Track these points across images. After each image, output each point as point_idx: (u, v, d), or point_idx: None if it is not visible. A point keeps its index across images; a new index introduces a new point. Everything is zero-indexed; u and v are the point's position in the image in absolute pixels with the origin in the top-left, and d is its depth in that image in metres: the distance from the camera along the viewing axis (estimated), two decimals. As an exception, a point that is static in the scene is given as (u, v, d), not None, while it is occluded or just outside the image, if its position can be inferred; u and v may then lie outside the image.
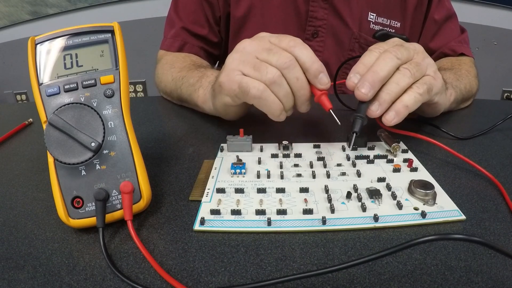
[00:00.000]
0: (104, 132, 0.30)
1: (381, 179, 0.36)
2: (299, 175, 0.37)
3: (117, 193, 0.30)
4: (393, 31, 0.68)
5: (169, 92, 0.62)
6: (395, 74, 0.38)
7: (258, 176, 0.37)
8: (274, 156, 0.41)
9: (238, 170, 0.37)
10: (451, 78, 0.56)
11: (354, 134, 0.40)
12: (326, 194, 0.34)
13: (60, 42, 0.31)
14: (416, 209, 0.31)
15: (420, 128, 0.50)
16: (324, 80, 0.39)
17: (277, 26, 0.68)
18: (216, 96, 0.45)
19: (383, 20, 0.69)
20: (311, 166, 0.39)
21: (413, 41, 0.71)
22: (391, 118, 0.38)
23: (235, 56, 0.40)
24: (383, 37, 0.68)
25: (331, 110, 0.40)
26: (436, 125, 0.49)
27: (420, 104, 0.39)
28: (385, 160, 0.40)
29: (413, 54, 0.40)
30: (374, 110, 0.38)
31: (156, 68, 0.71)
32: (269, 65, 0.38)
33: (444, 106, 0.48)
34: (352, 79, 0.39)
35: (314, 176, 0.37)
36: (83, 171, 0.29)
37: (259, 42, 0.40)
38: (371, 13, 0.68)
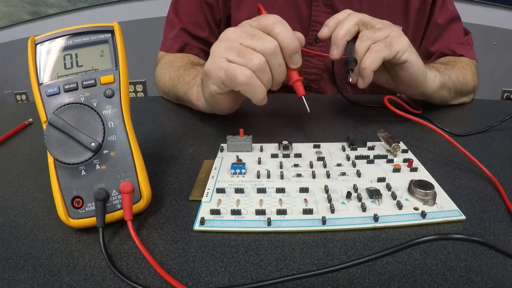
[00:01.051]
0: (104, 132, 0.30)
1: (381, 179, 0.36)
2: (299, 175, 0.37)
3: (117, 193, 0.30)
4: None
5: (167, 92, 0.62)
6: (356, 41, 0.44)
7: (258, 176, 0.37)
8: (274, 156, 0.41)
9: (238, 170, 0.37)
10: (437, 66, 0.56)
11: (350, 70, 0.44)
12: (326, 194, 0.34)
13: (60, 42, 0.31)
14: (416, 209, 0.31)
15: (417, 125, 0.50)
16: (297, 60, 0.41)
17: None
18: (204, 86, 0.45)
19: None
20: (311, 166, 0.39)
21: (415, 45, 0.71)
22: (361, 83, 0.45)
23: (220, 44, 0.41)
24: None
25: (303, 97, 0.43)
26: (430, 120, 0.49)
27: (382, 61, 0.43)
28: (385, 160, 0.40)
29: (377, 22, 0.46)
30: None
31: (155, 68, 0.71)
32: (254, 51, 0.39)
33: (424, 75, 0.49)
34: (323, 30, 0.47)
35: (314, 176, 0.37)
36: (83, 171, 0.29)
37: (241, 29, 0.41)
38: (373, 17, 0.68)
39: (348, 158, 0.40)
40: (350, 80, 0.46)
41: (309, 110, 0.43)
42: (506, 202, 0.33)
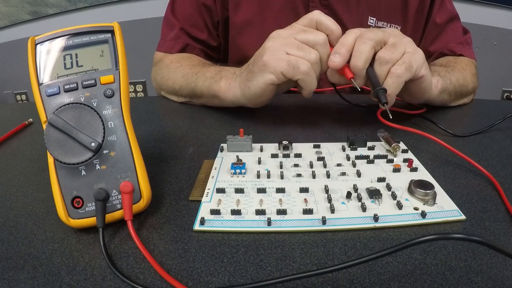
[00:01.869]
0: (104, 132, 0.30)
1: (381, 179, 0.36)
2: (299, 175, 0.37)
3: (117, 193, 0.30)
4: None
5: (177, 89, 0.61)
6: (375, 65, 0.44)
7: (258, 176, 0.37)
8: (274, 156, 0.41)
9: (238, 170, 0.37)
10: (439, 70, 0.56)
11: (385, 104, 0.43)
12: (326, 194, 0.34)
13: (60, 42, 0.31)
14: (416, 209, 0.31)
15: (418, 125, 0.50)
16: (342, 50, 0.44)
17: None
18: (255, 77, 0.46)
19: (383, 25, 0.68)
20: (311, 166, 0.39)
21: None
22: (383, 108, 0.43)
23: (274, 40, 0.45)
24: None
25: (352, 79, 0.44)
26: (433, 121, 0.49)
27: (404, 83, 0.43)
28: (385, 160, 0.40)
29: (388, 36, 0.44)
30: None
31: (154, 69, 0.70)
32: (311, 48, 0.44)
33: (430, 85, 0.49)
34: (333, 59, 0.44)
35: (314, 176, 0.37)
36: (83, 171, 0.29)
37: (292, 28, 0.46)
38: (371, 18, 0.67)
39: (348, 158, 0.40)
40: (384, 108, 0.43)
41: (359, 89, 0.44)
42: (506, 203, 0.33)
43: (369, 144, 0.43)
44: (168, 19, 0.73)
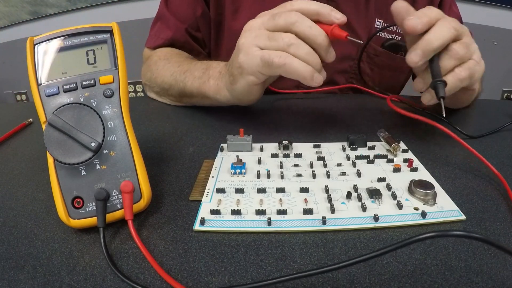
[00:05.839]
0: (104, 132, 0.30)
1: (381, 179, 0.36)
2: (299, 175, 0.37)
3: (117, 193, 0.30)
4: (400, 38, 0.67)
5: (167, 88, 0.59)
6: (443, 55, 0.39)
7: (258, 176, 0.37)
8: (274, 156, 0.41)
9: (238, 170, 0.37)
10: None
11: (442, 99, 0.39)
12: (326, 194, 0.34)
13: (59, 43, 0.31)
14: (416, 209, 0.31)
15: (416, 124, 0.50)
16: (338, 14, 0.40)
17: None
18: (236, 80, 0.44)
19: (390, 27, 0.67)
20: (311, 166, 0.39)
21: None
22: (428, 99, 0.40)
23: (246, 35, 0.42)
24: (393, 46, 0.68)
25: (348, 36, 0.39)
26: (449, 123, 0.48)
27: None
28: (385, 160, 0.40)
29: (464, 33, 0.40)
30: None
31: (143, 66, 0.69)
32: (282, 33, 0.39)
33: (472, 98, 0.48)
34: (412, 21, 0.38)
35: (314, 176, 0.37)
36: (83, 171, 0.29)
37: (262, 16, 0.42)
38: (378, 20, 0.67)
39: (348, 158, 0.40)
40: (443, 114, 0.39)
41: (361, 42, 0.40)
42: None
43: (369, 144, 0.43)
44: (157, 16, 0.71)
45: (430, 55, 0.39)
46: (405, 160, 0.39)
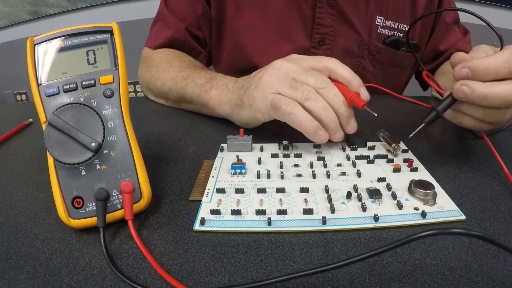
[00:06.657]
0: (104, 132, 0.30)
1: (381, 179, 0.36)
2: (299, 175, 0.37)
3: (117, 193, 0.30)
4: (401, 35, 0.67)
5: (166, 92, 0.59)
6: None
7: (258, 176, 0.37)
8: (274, 156, 0.41)
9: (238, 170, 0.37)
10: None
11: (423, 124, 0.37)
12: (326, 194, 0.34)
13: (59, 43, 0.31)
14: (416, 209, 0.31)
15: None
16: (365, 92, 0.41)
17: (282, 34, 0.66)
18: (244, 108, 0.44)
19: (390, 24, 0.67)
20: (311, 166, 0.39)
21: (422, 44, 0.71)
22: (451, 116, 0.38)
23: (273, 73, 0.41)
24: (394, 43, 0.68)
25: (365, 106, 0.40)
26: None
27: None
28: (385, 160, 0.40)
29: None
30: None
31: (142, 66, 0.68)
32: (305, 84, 0.40)
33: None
34: (466, 88, 0.34)
35: (314, 176, 0.37)
36: (83, 171, 0.29)
37: (296, 63, 0.42)
38: (379, 17, 0.67)
39: (348, 158, 0.40)
40: (410, 136, 0.38)
41: (376, 115, 0.39)
42: None
43: (369, 144, 0.43)
44: (157, 15, 0.71)
45: (482, 102, 0.34)
46: (405, 160, 0.39)
